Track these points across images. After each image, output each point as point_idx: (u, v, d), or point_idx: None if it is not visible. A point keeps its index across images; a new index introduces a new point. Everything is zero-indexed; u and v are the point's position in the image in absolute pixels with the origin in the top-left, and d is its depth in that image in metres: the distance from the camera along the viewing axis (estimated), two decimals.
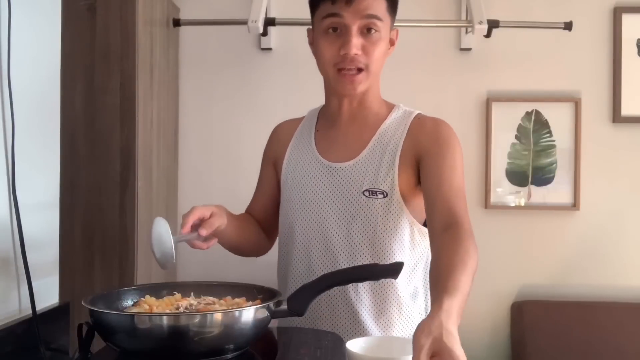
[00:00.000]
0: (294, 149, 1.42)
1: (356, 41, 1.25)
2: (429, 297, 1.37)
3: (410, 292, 1.33)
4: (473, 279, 1.05)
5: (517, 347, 2.51)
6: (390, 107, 1.39)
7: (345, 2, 1.24)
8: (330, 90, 1.37)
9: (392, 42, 1.35)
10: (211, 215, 1.20)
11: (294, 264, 1.35)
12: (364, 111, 1.36)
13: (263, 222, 1.48)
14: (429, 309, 1.37)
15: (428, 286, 1.37)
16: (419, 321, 1.33)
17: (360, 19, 1.25)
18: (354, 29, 1.25)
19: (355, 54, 1.25)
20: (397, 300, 1.30)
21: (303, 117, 1.49)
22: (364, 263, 1.28)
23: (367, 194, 1.29)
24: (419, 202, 1.29)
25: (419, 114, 1.37)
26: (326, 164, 1.35)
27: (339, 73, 1.28)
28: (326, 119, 1.41)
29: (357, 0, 1.24)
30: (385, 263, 1.27)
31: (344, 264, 1.29)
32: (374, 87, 1.35)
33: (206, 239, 1.21)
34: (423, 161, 1.28)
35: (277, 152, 1.46)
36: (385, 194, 1.28)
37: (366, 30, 1.26)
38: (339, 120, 1.38)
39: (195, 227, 1.18)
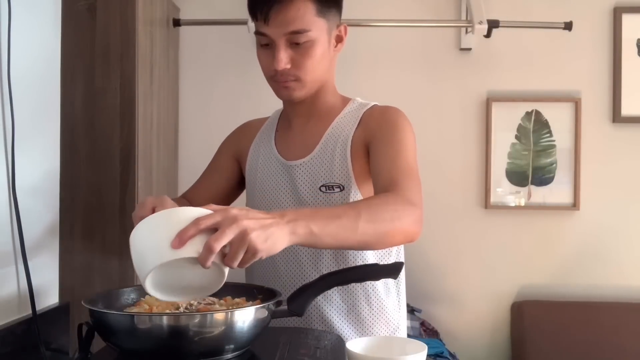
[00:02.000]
0: (256, 149, 1.42)
1: (283, 56, 1.22)
2: (402, 291, 1.37)
3: (380, 287, 1.31)
4: (374, 222, 1.02)
5: (517, 347, 2.51)
6: (346, 102, 1.37)
7: (264, 21, 1.21)
8: None
9: (339, 39, 1.31)
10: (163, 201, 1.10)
11: (259, 266, 1.33)
12: (318, 109, 1.35)
13: None
14: (403, 304, 1.37)
15: (401, 281, 1.36)
16: (394, 317, 1.33)
17: (283, 35, 1.21)
18: (280, 44, 1.22)
19: (284, 68, 1.23)
20: (366, 295, 1.29)
21: (268, 117, 1.49)
22: (327, 261, 1.27)
23: (323, 189, 1.28)
24: None
25: (374, 105, 1.35)
26: (284, 162, 1.34)
27: (273, 80, 1.27)
28: (284, 119, 1.42)
29: (276, 18, 1.20)
30: (376, 263, 1.27)
31: (307, 263, 1.28)
32: (326, 85, 1.33)
33: None
34: (371, 147, 1.26)
35: (241, 147, 1.46)
36: (341, 187, 1.27)
37: (295, 42, 1.22)
38: (294, 120, 1.37)
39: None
